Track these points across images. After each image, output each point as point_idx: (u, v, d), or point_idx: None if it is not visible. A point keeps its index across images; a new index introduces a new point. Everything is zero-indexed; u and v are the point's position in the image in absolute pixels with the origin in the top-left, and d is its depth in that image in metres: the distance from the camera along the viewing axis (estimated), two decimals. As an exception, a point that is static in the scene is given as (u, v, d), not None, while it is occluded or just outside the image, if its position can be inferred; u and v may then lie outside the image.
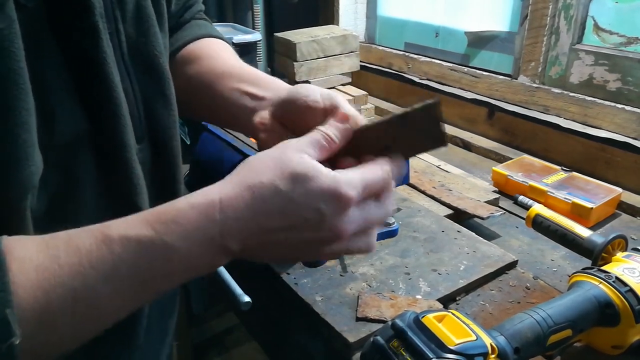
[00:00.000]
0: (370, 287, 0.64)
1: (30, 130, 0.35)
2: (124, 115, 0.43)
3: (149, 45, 0.49)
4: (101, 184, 0.44)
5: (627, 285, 0.53)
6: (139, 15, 0.48)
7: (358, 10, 1.59)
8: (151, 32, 0.49)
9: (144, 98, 0.49)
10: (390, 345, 0.45)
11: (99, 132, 0.43)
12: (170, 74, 0.52)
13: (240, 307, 0.62)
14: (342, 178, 0.37)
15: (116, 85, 0.42)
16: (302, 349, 0.66)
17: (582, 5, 1.04)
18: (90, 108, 0.42)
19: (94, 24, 0.40)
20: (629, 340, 0.53)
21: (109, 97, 0.42)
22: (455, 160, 1.11)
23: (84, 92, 0.41)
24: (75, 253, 0.33)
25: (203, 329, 1.84)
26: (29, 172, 0.35)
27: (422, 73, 1.36)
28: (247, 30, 1.27)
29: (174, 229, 0.35)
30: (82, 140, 0.42)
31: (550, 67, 1.10)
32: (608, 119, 0.98)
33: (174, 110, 0.53)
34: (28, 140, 0.35)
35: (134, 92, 0.47)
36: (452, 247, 0.72)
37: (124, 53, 0.46)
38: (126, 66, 0.46)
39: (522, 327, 0.49)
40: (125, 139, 0.44)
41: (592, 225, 0.83)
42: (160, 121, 0.51)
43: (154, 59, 0.49)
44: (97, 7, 0.40)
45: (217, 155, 0.82)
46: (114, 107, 0.42)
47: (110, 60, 0.42)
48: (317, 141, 0.40)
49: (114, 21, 0.44)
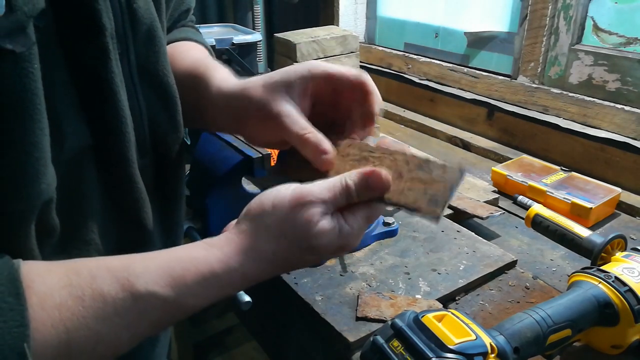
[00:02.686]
0: (370, 286, 0.64)
1: (44, 149, 0.35)
2: (128, 132, 0.44)
3: (158, 65, 0.49)
4: (105, 198, 0.45)
5: (626, 285, 0.53)
6: (151, 37, 0.48)
7: (358, 10, 1.59)
8: (161, 52, 0.50)
9: (150, 115, 0.49)
10: (390, 344, 0.45)
11: (103, 148, 0.43)
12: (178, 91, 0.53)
13: (240, 307, 0.62)
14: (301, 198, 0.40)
15: (122, 103, 0.43)
16: (302, 349, 0.66)
17: (581, 6, 1.04)
18: (96, 125, 0.42)
19: (104, 45, 0.41)
20: (628, 339, 0.53)
21: (115, 115, 0.43)
22: (455, 160, 1.11)
23: (90, 109, 0.41)
24: (100, 299, 0.35)
25: (203, 329, 1.84)
26: (40, 189, 0.35)
27: (421, 73, 1.37)
28: (247, 31, 1.27)
29: (196, 292, 0.39)
30: (87, 156, 0.42)
31: (549, 67, 1.10)
32: (607, 119, 0.98)
33: (180, 125, 0.53)
34: (41, 159, 0.35)
35: (140, 109, 0.48)
36: (451, 247, 0.72)
37: (133, 73, 0.47)
38: (134, 84, 0.47)
39: (521, 327, 0.49)
40: (128, 155, 0.44)
41: (591, 225, 0.83)
42: (166, 137, 0.52)
43: (162, 78, 0.50)
44: (109, 28, 0.41)
45: (217, 155, 0.82)
46: (119, 124, 0.43)
47: (118, 80, 0.42)
48: (335, 200, 0.42)
49: (125, 41, 0.45)
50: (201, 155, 0.86)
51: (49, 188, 0.36)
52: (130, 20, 0.45)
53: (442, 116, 1.31)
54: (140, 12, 0.46)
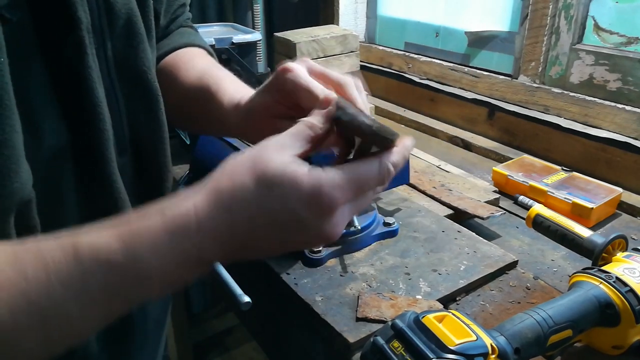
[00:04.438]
0: (370, 287, 0.64)
1: (14, 147, 0.34)
2: (106, 130, 0.43)
3: (137, 61, 0.48)
4: (82, 196, 0.44)
5: (627, 286, 0.53)
6: (129, 31, 0.47)
7: (358, 10, 1.59)
8: (140, 48, 0.48)
9: (130, 112, 0.48)
10: (390, 345, 0.45)
11: (81, 146, 0.42)
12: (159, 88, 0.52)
13: (240, 307, 0.62)
14: (324, 181, 0.35)
15: (100, 100, 0.42)
16: (302, 349, 0.66)
17: (582, 5, 1.04)
18: (73, 122, 0.41)
19: (80, 39, 0.40)
20: (629, 340, 0.53)
21: (92, 111, 0.42)
22: (455, 160, 1.11)
23: (67, 105, 0.40)
24: (44, 268, 0.31)
25: (203, 329, 1.84)
26: (13, 188, 0.34)
27: (422, 73, 1.36)
28: (247, 30, 1.27)
29: (147, 246, 0.33)
30: (64, 154, 0.41)
31: (550, 67, 1.10)
32: (608, 119, 0.98)
33: (162, 124, 0.52)
34: (12, 156, 0.34)
35: (118, 106, 0.47)
36: (452, 247, 0.72)
37: (110, 68, 0.46)
38: (112, 80, 0.46)
39: (522, 328, 0.48)
40: (106, 153, 0.43)
41: (592, 226, 0.83)
42: (146, 134, 0.51)
43: (142, 74, 0.49)
44: (84, 22, 0.40)
45: (217, 155, 0.82)
46: (96, 121, 0.42)
47: (95, 75, 0.42)
48: (300, 133, 0.37)
49: (101, 36, 0.44)
50: (201, 155, 0.86)
51: (23, 187, 0.35)
52: (106, 13, 0.44)
53: (443, 116, 1.31)
54: (117, 6, 0.45)
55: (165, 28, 0.65)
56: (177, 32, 0.66)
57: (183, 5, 0.67)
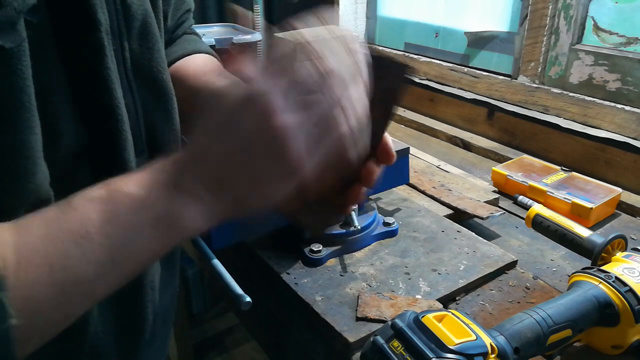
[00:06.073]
0: (370, 287, 0.64)
1: (33, 148, 0.34)
2: (125, 130, 0.43)
3: (153, 62, 0.49)
4: None
5: (626, 285, 0.53)
6: (145, 32, 0.48)
7: (358, 10, 1.59)
8: (156, 49, 0.49)
9: (146, 113, 0.49)
10: (390, 345, 0.45)
11: (99, 147, 0.42)
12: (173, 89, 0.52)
13: (241, 307, 0.62)
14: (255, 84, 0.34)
15: (119, 101, 0.42)
16: (302, 349, 0.66)
17: (581, 6, 1.04)
18: (92, 123, 0.41)
19: (100, 40, 0.40)
20: (628, 340, 0.53)
21: (110, 112, 0.42)
22: (455, 160, 1.11)
23: (85, 107, 0.41)
24: (45, 223, 0.32)
25: (203, 329, 1.84)
26: (28, 189, 0.35)
27: (422, 73, 1.37)
28: (247, 31, 1.27)
29: (127, 179, 0.34)
30: (82, 155, 0.41)
31: (550, 67, 1.10)
32: (608, 119, 0.98)
33: (176, 125, 0.53)
34: (30, 158, 0.34)
35: (135, 107, 0.47)
36: (452, 247, 0.72)
37: (128, 69, 0.46)
38: (129, 82, 0.46)
39: (521, 327, 0.49)
40: (124, 154, 0.44)
41: (591, 225, 0.83)
42: (162, 135, 0.51)
43: (157, 75, 0.49)
44: (104, 24, 0.40)
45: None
46: (115, 122, 0.42)
47: (114, 76, 0.42)
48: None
49: (119, 37, 0.44)
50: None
51: (39, 188, 0.35)
52: (124, 15, 0.44)
53: (442, 116, 1.31)
54: (134, 8, 0.45)
55: (171, 32, 0.65)
56: (183, 39, 0.67)
57: (188, 11, 0.67)
